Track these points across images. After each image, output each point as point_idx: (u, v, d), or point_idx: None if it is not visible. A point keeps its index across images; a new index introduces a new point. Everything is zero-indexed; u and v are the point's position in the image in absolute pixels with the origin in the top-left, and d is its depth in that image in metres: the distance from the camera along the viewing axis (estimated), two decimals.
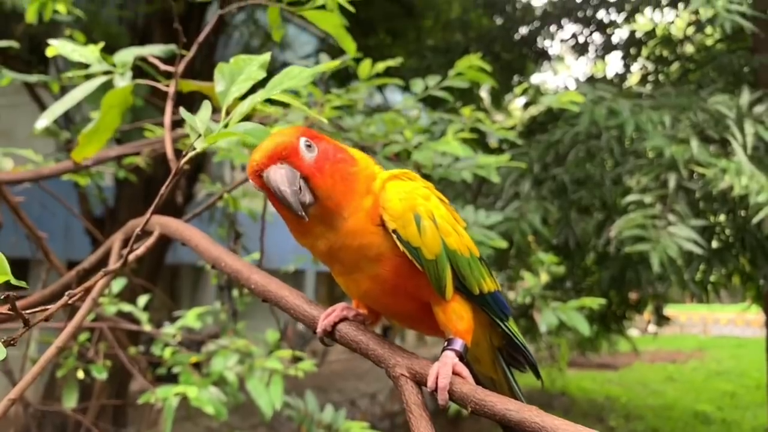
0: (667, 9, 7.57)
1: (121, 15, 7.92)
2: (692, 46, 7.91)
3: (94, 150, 1.53)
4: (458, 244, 1.28)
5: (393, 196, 1.21)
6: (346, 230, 1.19)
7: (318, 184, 1.15)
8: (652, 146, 5.61)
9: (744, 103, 5.91)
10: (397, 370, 1.14)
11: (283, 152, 1.14)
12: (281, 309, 1.28)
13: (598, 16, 8.21)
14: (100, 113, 1.45)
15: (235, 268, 1.34)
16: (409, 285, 1.24)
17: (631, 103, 5.92)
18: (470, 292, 1.29)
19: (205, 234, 1.49)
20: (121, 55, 1.56)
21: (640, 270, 6.67)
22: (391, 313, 1.36)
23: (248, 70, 1.18)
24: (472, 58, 2.81)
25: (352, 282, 1.27)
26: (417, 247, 1.20)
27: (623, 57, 8.20)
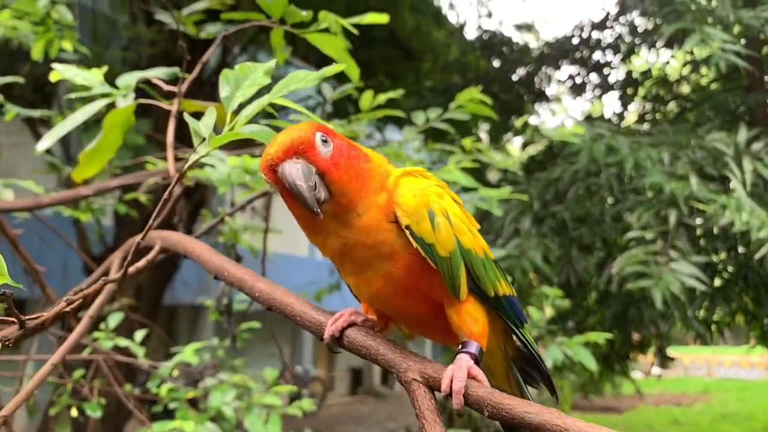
0: (662, 50, 7.70)
1: (124, 56, 8.04)
2: (688, 85, 8.02)
3: (95, 170, 1.52)
4: (472, 243, 1.24)
5: (407, 192, 1.18)
6: (360, 226, 1.15)
7: (333, 180, 1.12)
8: (651, 183, 5.64)
9: (741, 140, 5.97)
10: (409, 375, 1.09)
11: (299, 147, 1.11)
12: (287, 317, 1.24)
13: (595, 57, 8.34)
14: (102, 132, 1.45)
15: (238, 276, 1.31)
16: (422, 284, 1.20)
17: (630, 141, 5.97)
18: (485, 295, 1.24)
19: (207, 245, 1.46)
20: (124, 78, 1.56)
21: (642, 308, 6.61)
22: (403, 317, 1.31)
23: (253, 76, 1.18)
24: (472, 91, 2.83)
25: (364, 282, 1.22)
26: (431, 243, 1.16)
27: (620, 97, 8.30)
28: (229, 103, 1.14)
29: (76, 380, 3.31)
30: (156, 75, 1.65)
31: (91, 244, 7.36)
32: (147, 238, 1.32)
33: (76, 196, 2.41)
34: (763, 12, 5.76)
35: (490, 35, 9.33)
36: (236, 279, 1.31)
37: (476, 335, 1.20)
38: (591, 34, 8.21)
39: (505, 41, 9.15)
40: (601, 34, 8.21)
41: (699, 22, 5.46)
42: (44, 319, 1.05)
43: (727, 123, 6.80)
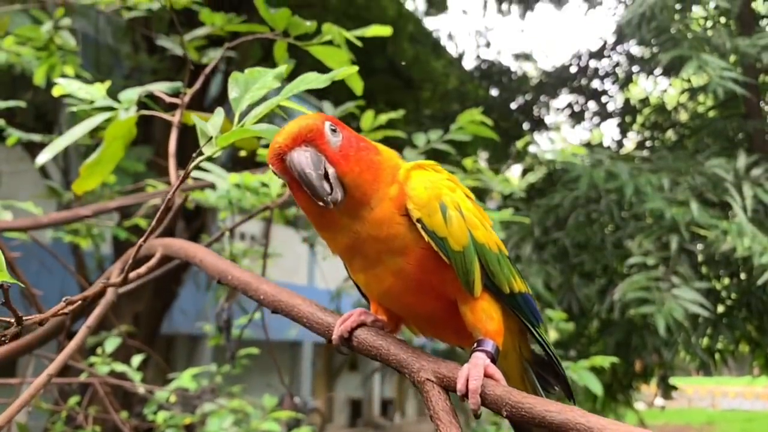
0: (660, 77, 7.77)
1: (126, 85, 8.09)
2: (686, 113, 8.07)
3: (95, 182, 1.50)
4: (486, 237, 1.20)
5: (418, 185, 1.15)
6: (372, 220, 1.11)
7: (345, 172, 1.08)
8: (652, 208, 5.62)
9: (741, 166, 5.97)
10: (422, 375, 1.05)
11: (308, 134, 1.08)
12: (293, 319, 1.20)
13: (593, 86, 8.41)
14: (104, 145, 1.44)
15: (243, 280, 1.28)
16: (434, 280, 1.16)
17: (630, 167, 5.98)
18: (500, 291, 1.20)
19: (209, 250, 1.43)
20: (127, 92, 1.56)
21: (645, 335, 6.54)
22: (414, 315, 1.26)
23: (263, 79, 1.17)
24: (473, 113, 2.84)
25: (374, 278, 1.18)
26: (443, 237, 1.12)
27: (619, 125, 8.34)
28: (237, 104, 1.12)
29: (71, 407, 3.25)
30: (158, 89, 1.65)
31: (89, 271, 7.32)
32: (148, 246, 1.30)
33: (75, 217, 2.39)
34: (759, 40, 5.82)
35: (489, 65, 9.43)
36: (241, 282, 1.28)
37: (492, 333, 1.16)
38: (589, 62, 8.29)
39: (503, 70, 9.24)
40: (599, 63, 8.29)
41: (696, 49, 5.51)
42: (42, 318, 1.02)
43: (726, 150, 6.82)
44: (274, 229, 3.73)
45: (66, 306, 1.06)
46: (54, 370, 1.18)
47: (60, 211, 2.82)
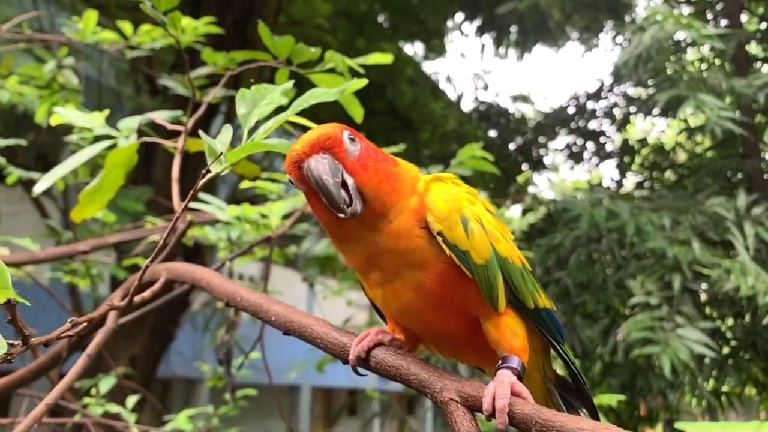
0: (658, 118, 7.84)
1: None
2: (684, 153, 8.11)
3: (94, 210, 1.48)
4: (509, 251, 1.16)
5: (438, 197, 1.11)
6: (391, 232, 1.08)
7: (364, 182, 1.05)
8: (653, 247, 5.59)
9: (741, 205, 5.97)
10: (446, 395, 1.00)
11: (326, 142, 1.05)
12: (307, 340, 1.15)
13: (591, 126, 8.48)
14: (104, 171, 1.42)
15: (253, 301, 1.24)
16: (455, 296, 1.11)
17: (630, 206, 5.97)
18: (524, 307, 1.15)
19: (216, 272, 1.39)
20: (127, 121, 1.55)
21: (650, 377, 6.43)
22: (434, 334, 1.20)
23: (271, 96, 1.15)
24: (473, 147, 2.84)
25: (392, 294, 1.13)
26: (465, 250, 1.09)
27: (618, 165, 8.38)
28: (245, 120, 1.10)
29: None
30: (159, 117, 1.64)
31: (86, 312, 7.24)
32: (152, 272, 1.27)
33: (73, 252, 2.36)
34: (754, 80, 5.89)
35: (487, 106, 9.53)
36: (251, 304, 1.24)
37: (517, 350, 1.11)
38: (586, 104, 8.38)
39: (501, 112, 9.33)
40: (597, 104, 8.37)
41: (693, 89, 5.57)
42: (48, 339, 0.99)
43: (726, 189, 6.83)
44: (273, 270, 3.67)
45: (71, 327, 1.03)
46: (52, 399, 1.14)
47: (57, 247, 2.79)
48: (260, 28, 1.62)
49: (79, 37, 3.45)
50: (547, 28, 7.37)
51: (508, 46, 8.52)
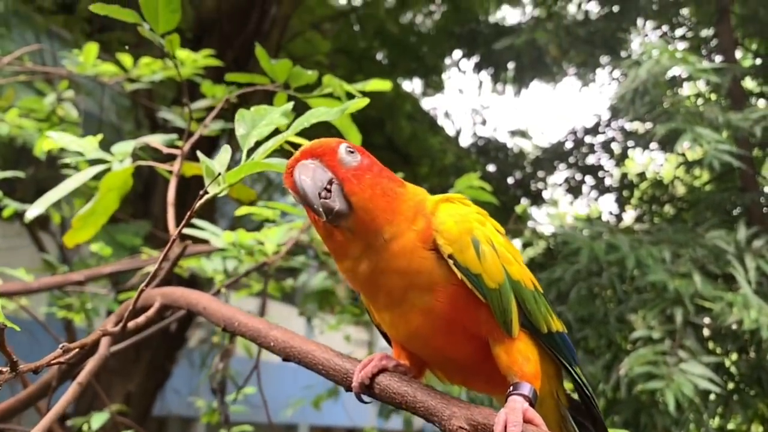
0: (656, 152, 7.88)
1: None
2: (683, 186, 8.13)
3: (88, 234, 1.45)
4: (521, 274, 1.13)
5: (447, 219, 1.09)
6: (392, 251, 1.05)
7: (353, 191, 1.04)
8: (654, 280, 5.55)
9: (741, 238, 5.94)
10: (454, 423, 0.97)
11: (318, 150, 1.06)
12: (308, 366, 1.12)
13: (589, 161, 8.51)
14: (98, 195, 1.40)
15: (251, 326, 1.20)
16: (466, 320, 1.08)
17: (630, 239, 5.95)
18: (537, 331, 1.12)
19: (213, 297, 1.36)
20: (120, 145, 1.53)
21: (654, 414, 6.31)
22: (442, 360, 1.16)
23: (270, 116, 1.14)
24: (471, 177, 2.82)
25: (400, 318, 1.09)
26: (477, 274, 1.05)
27: (617, 199, 8.38)
28: (245, 141, 1.09)
29: None
30: (154, 140, 1.63)
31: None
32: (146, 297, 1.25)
33: (67, 282, 2.33)
34: (750, 114, 5.93)
35: (485, 141, 9.58)
36: (248, 329, 1.20)
37: (528, 376, 1.07)
38: (584, 138, 8.42)
39: (499, 147, 9.37)
40: (594, 139, 8.41)
41: (690, 122, 5.60)
42: (38, 365, 0.95)
43: (726, 222, 6.82)
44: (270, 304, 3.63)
45: (63, 353, 0.99)
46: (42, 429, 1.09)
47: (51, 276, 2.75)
48: (257, 51, 1.63)
49: (79, 70, 3.47)
50: (543, 64, 7.46)
51: (505, 82, 8.60)
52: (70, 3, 7.68)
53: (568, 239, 5.99)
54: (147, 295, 1.38)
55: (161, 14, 1.24)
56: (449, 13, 8.64)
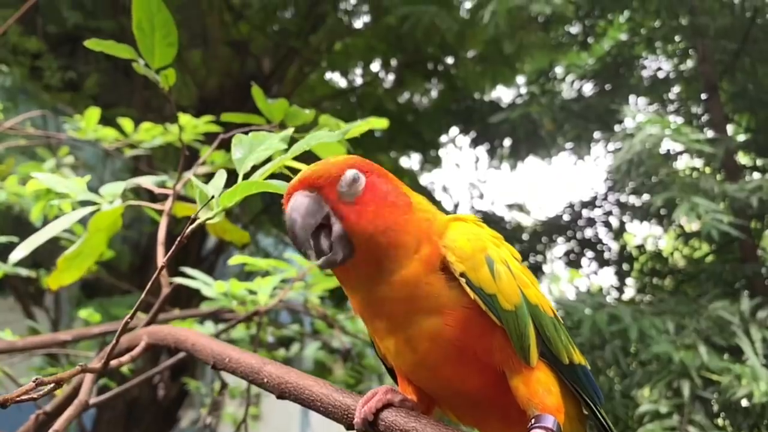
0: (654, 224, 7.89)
1: (125, 235, 8.18)
2: (683, 259, 8.09)
3: (73, 277, 1.40)
4: (539, 299, 1.05)
5: (459, 237, 1.02)
6: (395, 282, 0.98)
7: (354, 230, 0.97)
8: (658, 352, 5.42)
9: (746, 309, 5.85)
10: None
11: (317, 180, 0.99)
12: (304, 403, 1.02)
13: (588, 235, 8.51)
14: (85, 235, 1.36)
15: (244, 362, 1.12)
16: (479, 346, 0.99)
17: (632, 309, 5.85)
18: (557, 361, 1.03)
19: (201, 333, 1.29)
20: (110, 186, 1.51)
21: None
22: (452, 393, 1.05)
23: (269, 141, 1.11)
24: None
25: (406, 345, 1.00)
26: (492, 294, 0.98)
27: (616, 272, 8.32)
28: (241, 164, 1.06)
29: None
30: (145, 181, 1.61)
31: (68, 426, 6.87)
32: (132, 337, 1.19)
33: (54, 342, 2.25)
34: (746, 184, 5.97)
35: (483, 215, 9.61)
36: (240, 365, 1.12)
37: (551, 408, 0.98)
38: (582, 212, 8.46)
39: (497, 220, 9.39)
40: (592, 212, 8.45)
41: (686, 192, 5.63)
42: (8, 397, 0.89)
43: (728, 294, 6.74)
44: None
45: (36, 386, 0.92)
46: None
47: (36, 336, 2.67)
48: (254, 90, 1.64)
49: (80, 135, 3.51)
50: (538, 137, 7.59)
51: (501, 157, 8.72)
52: (77, 80, 7.89)
53: (570, 310, 5.89)
54: (133, 336, 1.33)
55: (157, 48, 1.25)
56: (445, 91, 8.87)
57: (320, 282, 2.53)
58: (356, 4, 8.69)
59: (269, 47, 7.89)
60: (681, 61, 7.73)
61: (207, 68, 8.40)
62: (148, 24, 1.21)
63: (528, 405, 0.99)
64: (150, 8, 1.20)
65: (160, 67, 1.31)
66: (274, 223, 9.30)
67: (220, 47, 8.33)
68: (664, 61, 7.99)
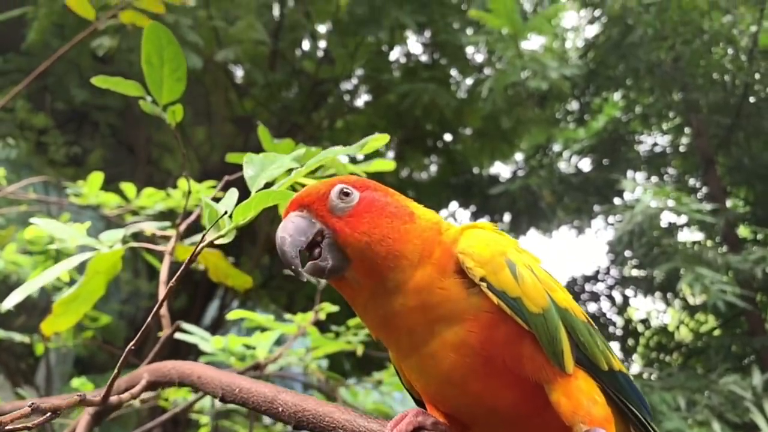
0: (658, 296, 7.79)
1: (122, 310, 8.06)
2: (689, 332, 7.94)
3: (69, 322, 1.34)
4: (569, 302, 0.97)
5: (476, 242, 0.97)
6: (404, 293, 0.93)
7: (347, 242, 0.94)
8: (671, 429, 5.22)
9: (758, 383, 5.69)
10: None
11: (305, 199, 0.97)
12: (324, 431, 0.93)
13: (591, 309, 8.39)
14: (83, 278, 1.31)
15: (255, 391, 1.03)
16: (507, 354, 0.90)
17: (640, 384, 5.68)
18: (596, 368, 0.93)
19: (209, 365, 1.20)
20: (110, 232, 1.47)
21: None
22: (486, 413, 0.94)
23: (281, 161, 1.08)
24: None
25: (429, 360, 0.93)
26: (516, 297, 0.91)
27: (622, 348, 8.15)
28: (253, 182, 1.03)
29: None
30: (147, 227, 1.57)
31: None
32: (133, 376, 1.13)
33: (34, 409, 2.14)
34: (749, 255, 5.93)
35: None
36: (252, 395, 1.03)
37: (600, 420, 0.87)
38: (585, 286, 8.37)
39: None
40: (595, 287, 8.36)
41: (690, 263, 5.59)
42: None
43: (738, 369, 6.57)
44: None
45: (31, 411, 0.86)
46: None
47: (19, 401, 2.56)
48: (260, 131, 1.63)
49: (81, 200, 3.50)
50: (539, 210, 7.61)
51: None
52: (81, 156, 8.00)
53: None
54: (133, 375, 1.26)
55: (166, 82, 1.24)
56: (445, 166, 8.97)
57: (322, 345, 2.45)
58: (357, 84, 8.94)
59: (273, 123, 8.04)
60: (676, 136, 7.87)
61: (210, 144, 8.53)
62: (158, 57, 1.21)
63: (573, 419, 0.89)
64: (160, 41, 1.20)
65: (168, 102, 1.30)
66: (273, 297, 9.19)
67: (224, 124, 8.49)
68: (660, 137, 8.13)
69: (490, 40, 6.76)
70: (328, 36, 8.21)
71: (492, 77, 6.66)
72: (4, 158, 6.32)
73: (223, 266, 1.32)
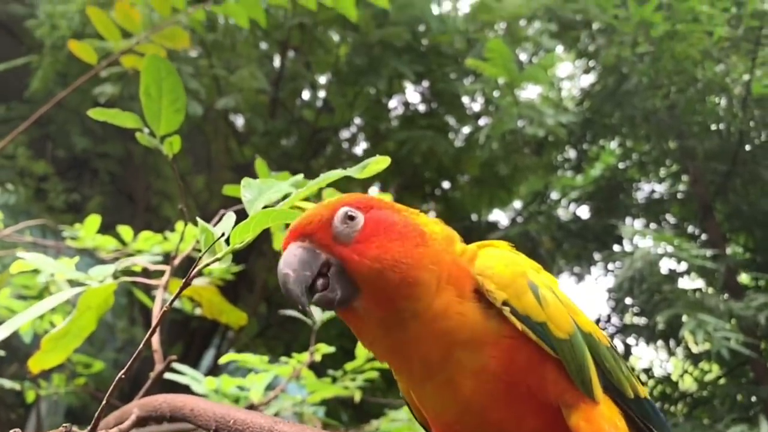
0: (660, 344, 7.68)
1: (116, 358, 7.93)
2: (693, 381, 7.80)
3: (58, 359, 1.29)
4: (592, 327, 0.94)
5: (496, 263, 0.92)
6: (419, 321, 0.87)
7: (356, 270, 0.88)
8: None
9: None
10: None
11: (307, 227, 0.92)
12: None
13: None
14: (74, 314, 1.28)
15: (250, 422, 0.97)
16: (531, 381, 0.87)
17: None
18: (622, 395, 0.92)
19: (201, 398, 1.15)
20: (99, 268, 1.44)
21: None
22: None
23: (279, 186, 1.06)
24: None
25: (446, 388, 0.88)
26: (541, 322, 0.88)
27: None
28: (251, 206, 1.00)
29: None
30: (141, 261, 1.55)
31: None
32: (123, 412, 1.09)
33: None
34: (751, 302, 5.88)
35: None
36: (247, 426, 0.97)
37: None
38: None
39: None
40: None
41: (692, 309, 5.53)
42: None
43: (744, 419, 6.42)
44: None
45: None
46: None
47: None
48: (257, 163, 1.62)
49: (78, 244, 3.47)
50: (538, 256, 7.57)
51: None
52: (80, 203, 8.01)
53: None
54: (122, 411, 1.21)
55: (164, 113, 1.24)
56: (443, 212, 9.00)
57: (318, 390, 2.39)
58: (356, 132, 9.03)
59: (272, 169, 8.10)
60: (674, 183, 7.90)
61: (209, 191, 8.56)
62: (156, 88, 1.21)
63: None
64: (159, 72, 1.21)
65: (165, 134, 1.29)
66: (269, 347, 9.06)
67: (224, 171, 8.54)
68: (657, 184, 8.17)
69: (486, 89, 6.87)
70: (327, 85, 8.34)
71: (489, 125, 6.74)
72: (3, 204, 6.32)
73: (217, 302, 1.29)
